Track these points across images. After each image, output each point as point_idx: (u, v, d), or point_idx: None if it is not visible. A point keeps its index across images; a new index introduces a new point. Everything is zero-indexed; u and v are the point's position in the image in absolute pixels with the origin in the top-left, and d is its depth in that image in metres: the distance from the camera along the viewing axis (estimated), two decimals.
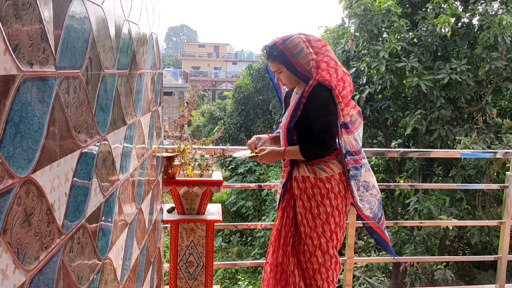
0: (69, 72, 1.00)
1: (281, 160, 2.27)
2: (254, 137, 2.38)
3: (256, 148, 2.34)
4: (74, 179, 1.04)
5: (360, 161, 2.20)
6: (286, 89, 2.38)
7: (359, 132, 2.22)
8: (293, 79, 2.15)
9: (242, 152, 2.44)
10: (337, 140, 2.15)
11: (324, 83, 2.07)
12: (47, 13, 0.88)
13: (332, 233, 2.15)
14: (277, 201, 2.31)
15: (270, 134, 2.44)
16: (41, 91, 0.86)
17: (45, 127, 0.87)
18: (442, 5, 7.81)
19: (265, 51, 2.20)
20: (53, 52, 0.91)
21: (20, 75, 0.77)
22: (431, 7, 7.93)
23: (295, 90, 2.29)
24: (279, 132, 2.38)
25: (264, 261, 2.35)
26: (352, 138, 2.18)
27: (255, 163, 12.89)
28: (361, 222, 2.39)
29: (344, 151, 2.13)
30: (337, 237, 2.19)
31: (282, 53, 2.10)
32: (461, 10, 8.21)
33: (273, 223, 4.13)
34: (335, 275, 2.21)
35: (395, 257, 2.57)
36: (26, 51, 0.79)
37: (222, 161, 13.26)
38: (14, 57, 0.75)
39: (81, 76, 1.08)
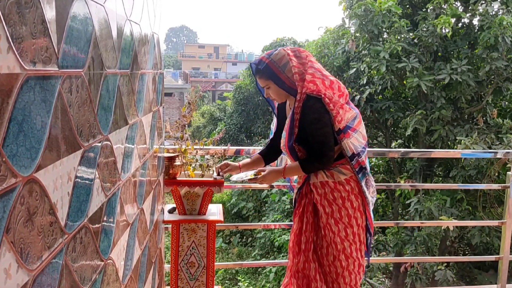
0: (71, 71, 1.00)
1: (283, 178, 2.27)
2: (224, 162, 2.43)
3: (221, 171, 2.40)
4: (77, 178, 1.04)
5: (364, 163, 2.16)
6: (277, 103, 2.35)
7: (358, 134, 2.16)
8: (282, 93, 2.12)
9: (240, 175, 2.36)
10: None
11: (313, 94, 2.03)
12: (49, 12, 0.88)
13: (355, 236, 2.13)
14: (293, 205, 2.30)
15: (240, 163, 2.43)
16: (44, 90, 0.85)
17: (48, 126, 0.87)
18: (443, 6, 7.81)
19: (251, 68, 2.18)
20: (56, 51, 0.91)
21: (23, 74, 0.76)
22: (431, 7, 7.94)
23: (287, 104, 2.26)
24: (249, 157, 2.46)
25: (264, 261, 2.34)
26: (350, 141, 2.11)
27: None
28: None
29: (349, 155, 2.09)
30: (360, 239, 2.15)
31: (268, 67, 2.08)
32: (461, 10, 8.22)
33: (273, 223, 4.13)
34: (358, 278, 2.18)
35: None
36: (29, 49, 0.79)
37: (223, 162, 13.26)
38: (17, 55, 0.74)
39: (83, 75, 1.07)
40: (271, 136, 2.44)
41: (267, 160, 2.43)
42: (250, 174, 2.32)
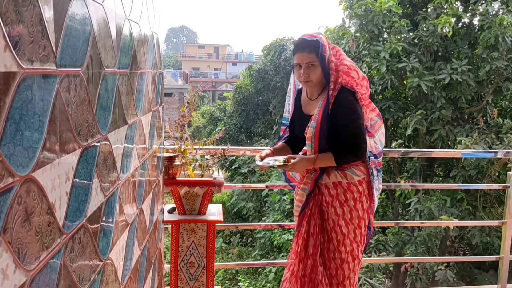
0: (70, 70, 0.99)
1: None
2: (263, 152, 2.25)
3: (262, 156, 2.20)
4: (75, 178, 1.03)
5: (380, 164, 2.19)
6: (297, 88, 2.27)
7: (380, 135, 2.20)
8: (320, 75, 2.05)
9: (267, 160, 2.16)
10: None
11: (347, 86, 2.03)
12: (47, 10, 0.87)
13: (362, 237, 2.13)
14: (299, 209, 2.18)
15: (271, 148, 2.32)
16: (41, 88, 0.85)
17: (45, 125, 0.86)
18: (443, 6, 7.81)
19: (302, 41, 2.07)
20: (54, 49, 0.90)
21: (20, 72, 0.76)
22: (432, 7, 7.94)
23: (304, 95, 2.20)
24: (284, 140, 2.32)
25: (265, 261, 2.33)
26: (373, 141, 2.17)
27: (257, 168, 12.81)
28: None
29: (368, 154, 2.10)
30: (364, 240, 2.16)
31: (322, 46, 2.03)
32: (461, 10, 8.21)
33: (273, 223, 4.12)
34: (357, 276, 2.20)
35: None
36: (27, 48, 0.78)
37: (222, 161, 13.24)
38: (14, 54, 0.74)
39: (82, 74, 1.07)
40: (285, 128, 2.35)
41: (294, 150, 2.30)
42: (279, 159, 2.13)
